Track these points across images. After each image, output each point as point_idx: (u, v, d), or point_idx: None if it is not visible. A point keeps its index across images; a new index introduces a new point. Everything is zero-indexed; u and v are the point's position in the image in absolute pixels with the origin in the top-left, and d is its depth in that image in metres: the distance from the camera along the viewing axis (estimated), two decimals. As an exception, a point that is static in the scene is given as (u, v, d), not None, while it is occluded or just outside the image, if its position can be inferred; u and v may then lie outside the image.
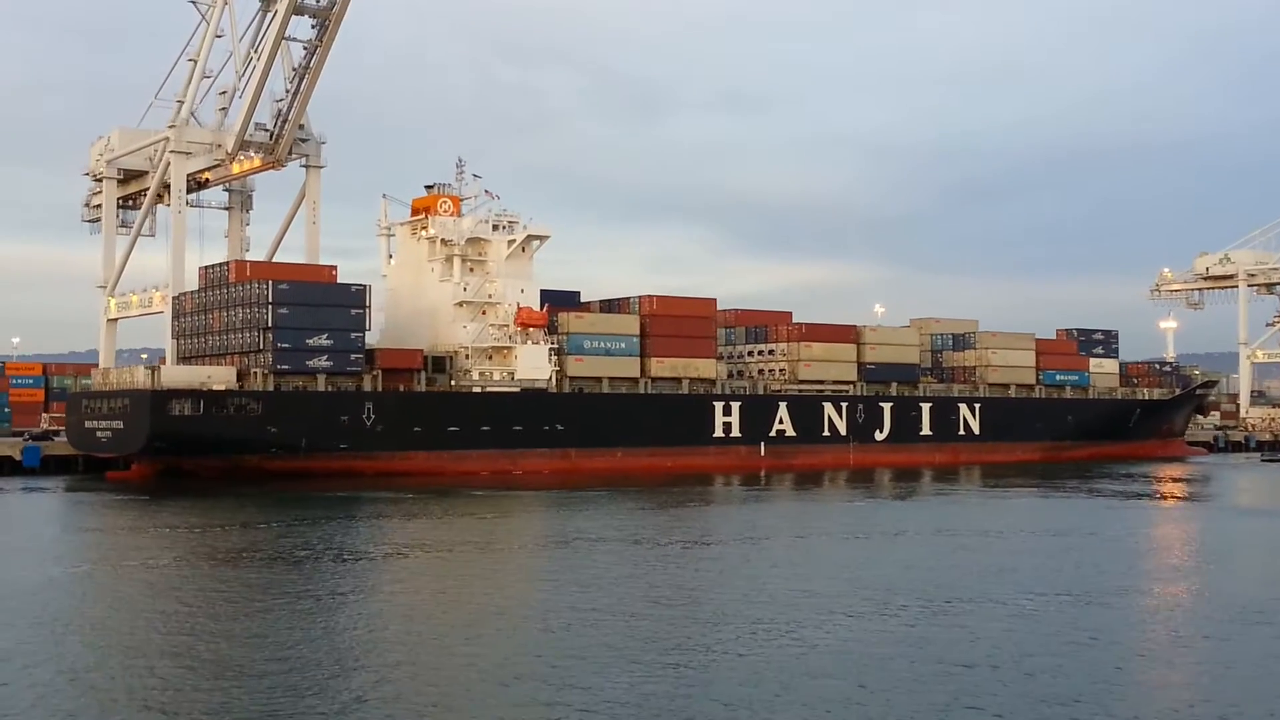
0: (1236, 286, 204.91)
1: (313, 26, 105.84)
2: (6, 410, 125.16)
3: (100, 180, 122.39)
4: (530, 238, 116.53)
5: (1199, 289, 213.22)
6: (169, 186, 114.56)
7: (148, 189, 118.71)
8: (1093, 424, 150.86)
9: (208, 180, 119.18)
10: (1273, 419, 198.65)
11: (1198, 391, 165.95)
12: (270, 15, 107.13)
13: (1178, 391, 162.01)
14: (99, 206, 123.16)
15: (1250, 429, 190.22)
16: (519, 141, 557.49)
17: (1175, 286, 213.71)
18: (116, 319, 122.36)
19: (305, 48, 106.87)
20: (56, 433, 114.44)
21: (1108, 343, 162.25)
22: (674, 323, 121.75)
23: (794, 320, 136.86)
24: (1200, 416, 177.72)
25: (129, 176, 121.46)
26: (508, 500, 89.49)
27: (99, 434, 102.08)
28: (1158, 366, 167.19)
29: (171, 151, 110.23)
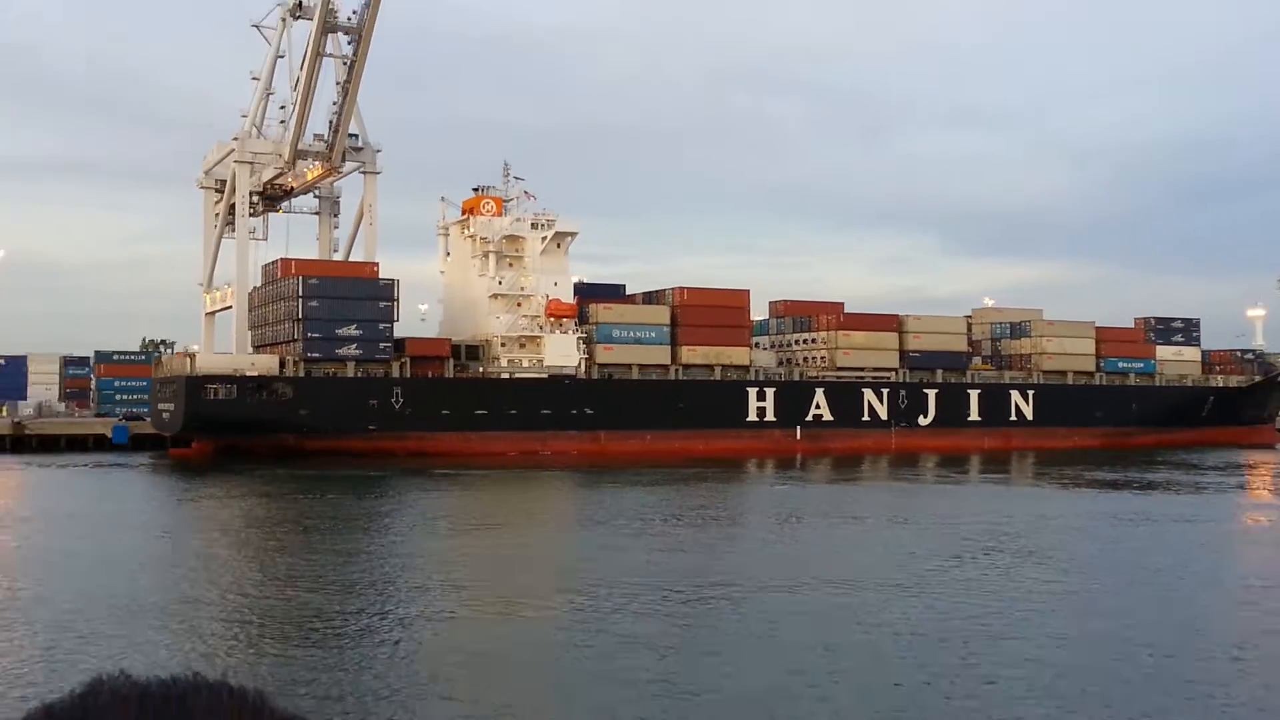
0: None
1: (349, 44, 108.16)
2: (117, 396, 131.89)
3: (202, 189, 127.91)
4: (560, 234, 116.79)
5: None
6: (261, 194, 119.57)
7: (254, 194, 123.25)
8: (1159, 411, 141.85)
9: (292, 189, 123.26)
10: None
11: (1279, 379, 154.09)
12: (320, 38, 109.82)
13: (1257, 378, 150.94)
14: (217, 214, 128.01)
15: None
16: (751, 160, 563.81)
17: None
18: (213, 312, 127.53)
19: (344, 63, 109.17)
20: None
21: (1188, 331, 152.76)
22: (705, 313, 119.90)
23: (845, 311, 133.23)
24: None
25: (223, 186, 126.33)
26: (539, 478, 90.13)
27: (164, 414, 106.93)
28: (1240, 354, 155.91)
29: (236, 161, 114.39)
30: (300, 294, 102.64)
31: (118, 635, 29.44)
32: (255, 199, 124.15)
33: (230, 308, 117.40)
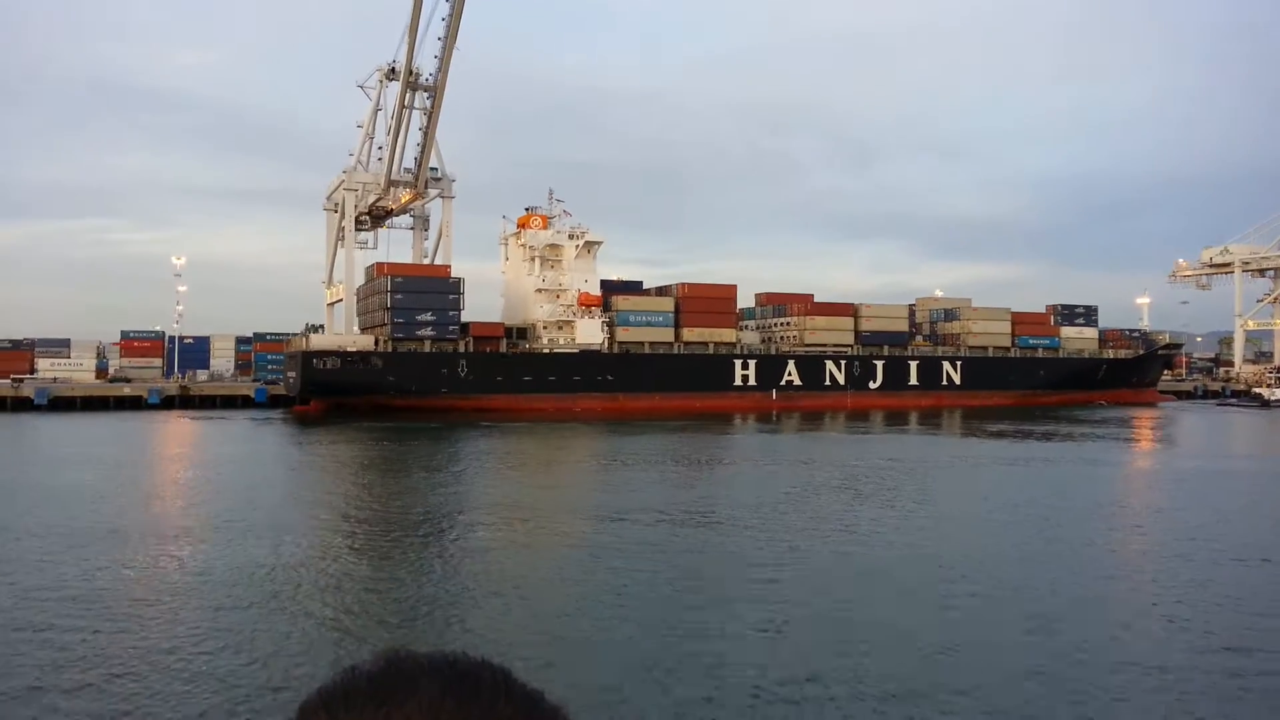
0: (1233, 273, 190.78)
1: (427, 99, 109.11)
2: (269, 366, 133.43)
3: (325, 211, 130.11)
4: (590, 242, 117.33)
5: (1206, 274, 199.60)
6: (369, 214, 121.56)
7: (363, 215, 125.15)
8: (1062, 377, 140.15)
9: (391, 210, 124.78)
10: (1259, 374, 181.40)
11: (1159, 352, 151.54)
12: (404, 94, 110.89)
13: (1141, 352, 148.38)
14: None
15: (1243, 383, 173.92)
16: (772, 188, 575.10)
17: (1187, 273, 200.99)
18: (332, 303, 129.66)
19: (424, 113, 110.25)
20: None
21: (1088, 315, 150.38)
22: (702, 302, 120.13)
23: (813, 301, 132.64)
24: (1168, 372, 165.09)
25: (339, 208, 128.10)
26: (571, 427, 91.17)
27: (291, 379, 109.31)
28: (1128, 332, 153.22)
29: (345, 189, 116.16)
30: (389, 289, 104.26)
31: (272, 530, 33.01)
32: (365, 218, 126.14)
33: (341, 300, 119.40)
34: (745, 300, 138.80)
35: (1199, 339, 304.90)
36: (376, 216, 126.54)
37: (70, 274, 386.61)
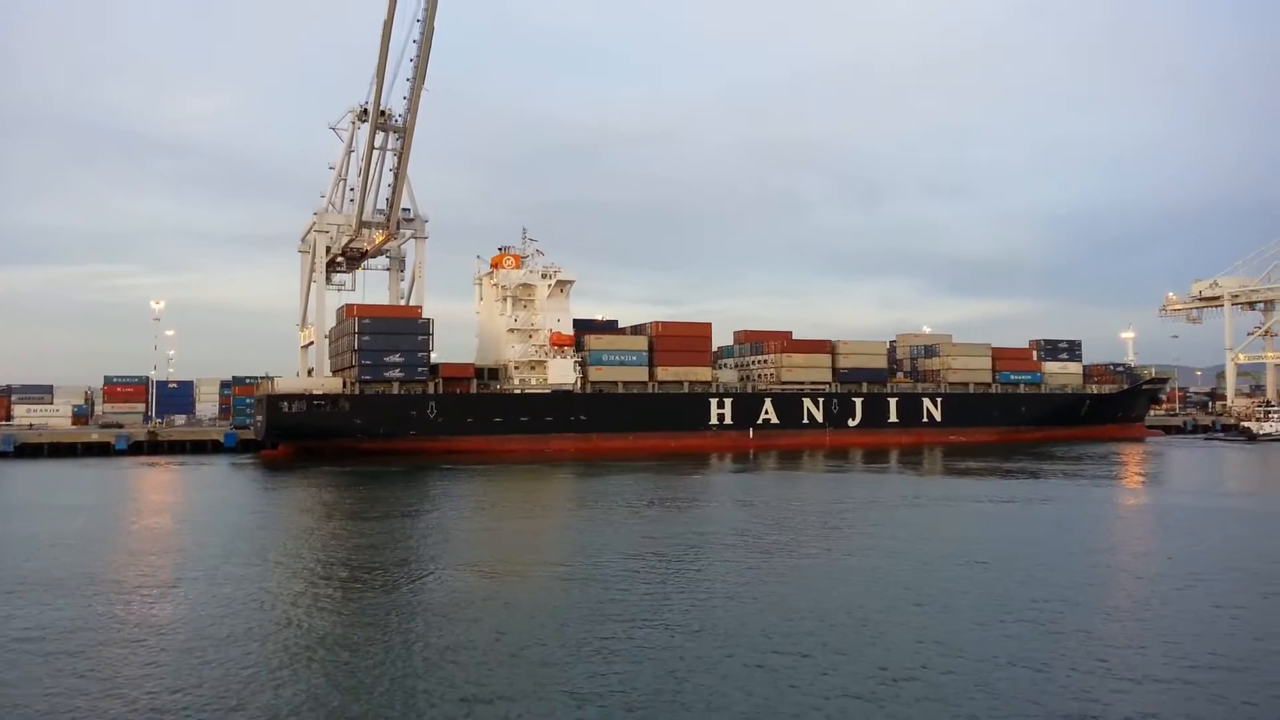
0: (1222, 306, 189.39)
1: (396, 140, 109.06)
2: (248, 410, 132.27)
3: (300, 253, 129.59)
4: (560, 282, 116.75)
5: (1196, 308, 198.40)
6: (345, 255, 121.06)
7: (338, 256, 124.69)
8: (1045, 413, 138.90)
9: (366, 251, 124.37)
10: (1249, 407, 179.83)
11: (1144, 387, 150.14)
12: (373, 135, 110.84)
13: (1125, 386, 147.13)
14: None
15: (1234, 416, 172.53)
16: (780, 224, 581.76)
17: (1177, 306, 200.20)
18: (305, 345, 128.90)
19: (394, 154, 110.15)
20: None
21: (1072, 350, 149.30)
22: (677, 340, 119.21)
23: (793, 337, 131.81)
24: (1158, 406, 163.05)
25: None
26: (542, 469, 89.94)
27: (259, 424, 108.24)
28: (1112, 367, 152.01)
29: (316, 231, 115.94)
30: (356, 331, 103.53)
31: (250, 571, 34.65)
32: (340, 260, 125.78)
33: (313, 343, 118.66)
34: (725, 338, 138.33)
35: (1198, 373, 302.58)
36: (352, 258, 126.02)
37: (70, 319, 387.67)
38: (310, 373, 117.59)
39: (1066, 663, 22.44)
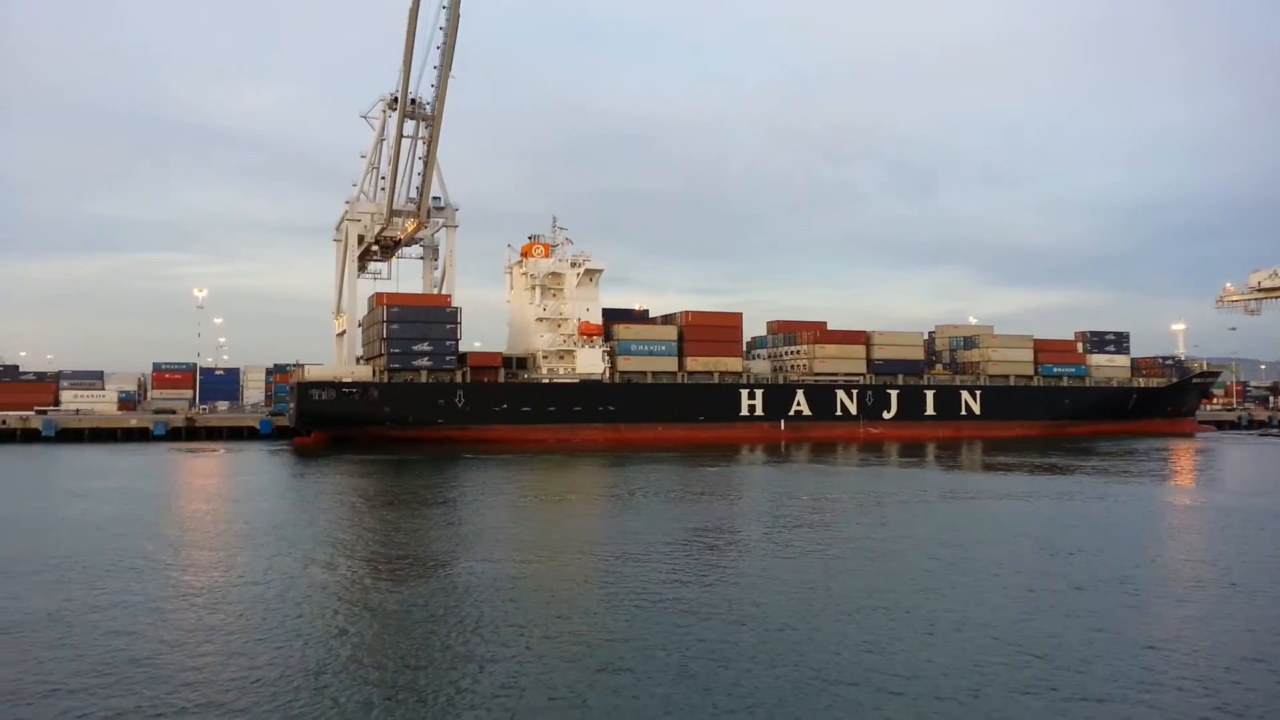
0: None
1: (426, 128, 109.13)
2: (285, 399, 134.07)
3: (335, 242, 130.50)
4: (589, 271, 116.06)
5: (1255, 299, 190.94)
6: (378, 244, 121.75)
7: (373, 244, 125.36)
8: (1089, 407, 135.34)
9: (399, 240, 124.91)
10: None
11: (1194, 380, 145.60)
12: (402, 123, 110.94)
13: (1174, 380, 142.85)
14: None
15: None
16: (831, 215, 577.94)
17: (1234, 298, 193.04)
18: (340, 333, 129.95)
19: (424, 142, 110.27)
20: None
21: (1119, 342, 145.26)
22: (707, 330, 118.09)
23: (828, 328, 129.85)
24: (1210, 400, 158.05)
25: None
26: (570, 459, 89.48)
27: (292, 412, 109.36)
28: (1162, 360, 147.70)
29: (348, 220, 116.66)
30: (384, 319, 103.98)
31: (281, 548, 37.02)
32: (375, 248, 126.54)
33: (346, 330, 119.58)
34: (759, 328, 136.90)
35: (1263, 366, 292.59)
36: (386, 247, 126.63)
37: (128, 307, 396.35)
38: (357, 361, 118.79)
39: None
